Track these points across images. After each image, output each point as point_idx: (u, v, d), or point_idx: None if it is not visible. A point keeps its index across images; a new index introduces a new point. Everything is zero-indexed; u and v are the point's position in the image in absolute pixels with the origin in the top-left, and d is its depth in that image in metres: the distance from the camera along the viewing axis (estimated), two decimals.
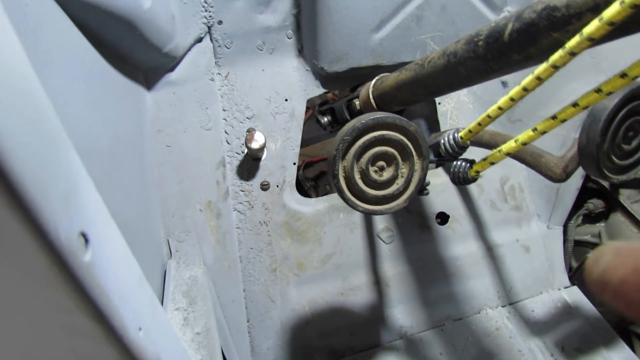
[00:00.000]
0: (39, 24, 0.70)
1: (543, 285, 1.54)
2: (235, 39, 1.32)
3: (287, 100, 1.39)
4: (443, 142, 0.90)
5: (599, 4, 0.53)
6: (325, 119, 1.45)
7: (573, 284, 1.58)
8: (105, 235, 0.34)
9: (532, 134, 0.74)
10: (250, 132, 1.25)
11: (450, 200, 1.49)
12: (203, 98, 1.29)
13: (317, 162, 2.21)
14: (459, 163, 0.91)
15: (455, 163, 0.92)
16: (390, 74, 1.08)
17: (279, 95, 1.39)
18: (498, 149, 0.80)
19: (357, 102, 1.26)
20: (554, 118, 0.69)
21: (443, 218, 1.49)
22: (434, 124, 1.59)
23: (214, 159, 1.30)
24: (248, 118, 1.36)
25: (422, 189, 0.95)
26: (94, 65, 0.94)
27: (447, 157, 0.91)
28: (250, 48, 1.35)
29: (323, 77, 1.40)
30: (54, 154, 0.28)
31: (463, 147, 0.88)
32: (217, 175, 1.30)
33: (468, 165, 0.90)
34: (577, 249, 1.62)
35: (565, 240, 1.58)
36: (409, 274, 1.44)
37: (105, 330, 0.32)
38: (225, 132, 1.34)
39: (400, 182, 0.82)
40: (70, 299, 0.29)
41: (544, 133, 0.72)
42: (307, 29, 1.33)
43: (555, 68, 0.59)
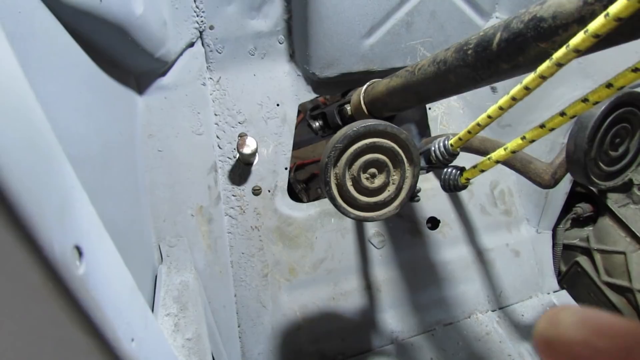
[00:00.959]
0: (32, 31, 0.69)
1: (532, 290, 1.56)
2: (227, 44, 1.32)
3: (278, 105, 1.39)
4: (434, 149, 0.91)
5: (584, 16, 0.53)
6: (317, 124, 1.46)
7: (562, 288, 1.60)
8: (99, 248, 0.34)
9: (521, 142, 0.75)
10: (242, 137, 1.25)
11: (441, 205, 1.50)
12: (195, 103, 1.29)
13: (308, 164, 2.21)
14: (450, 170, 0.92)
15: (446, 170, 0.92)
16: (381, 80, 1.09)
17: (271, 100, 1.39)
18: (488, 157, 0.81)
19: (348, 107, 1.27)
20: (542, 127, 0.70)
21: (434, 223, 1.50)
22: (425, 129, 1.60)
23: (206, 164, 1.30)
24: (240, 123, 1.36)
25: (413, 196, 0.95)
26: (86, 71, 0.94)
27: (437, 164, 0.92)
28: (242, 53, 1.35)
29: (314, 82, 1.41)
30: (49, 168, 0.28)
31: (453, 154, 0.89)
32: (208, 180, 1.30)
33: (458, 173, 0.91)
34: (566, 253, 1.64)
35: (555, 245, 1.60)
36: (400, 279, 1.45)
37: (99, 343, 0.32)
38: (217, 136, 1.33)
39: (392, 189, 0.83)
40: (64, 312, 0.29)
41: (533, 141, 0.73)
42: (298, 35, 1.33)
43: (543, 78, 0.60)
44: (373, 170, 0.80)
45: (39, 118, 0.29)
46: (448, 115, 1.52)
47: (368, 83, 1.18)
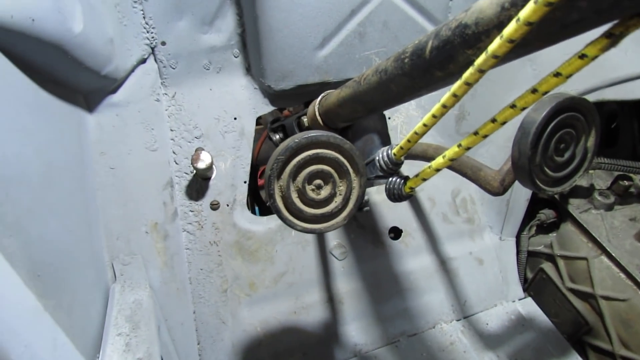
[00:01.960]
0: None
1: (497, 298, 1.55)
2: (181, 59, 1.31)
3: (236, 119, 1.39)
4: (378, 159, 0.91)
5: (503, 22, 0.53)
6: (277, 136, 1.45)
7: (529, 295, 1.59)
8: None
9: (457, 150, 0.74)
10: (197, 151, 1.24)
11: (403, 215, 1.49)
12: (148, 119, 1.28)
13: None
14: (394, 180, 0.91)
15: (390, 180, 0.92)
16: (333, 91, 1.09)
17: (228, 114, 1.38)
18: (428, 166, 0.81)
19: (304, 119, 1.26)
20: (476, 134, 0.70)
21: (396, 233, 1.49)
22: (387, 138, 1.60)
23: (161, 180, 1.29)
24: (196, 137, 1.35)
25: (361, 206, 0.95)
26: (23, 92, 0.93)
27: (383, 173, 0.92)
28: (197, 68, 1.34)
29: (271, 94, 1.40)
30: None
31: (397, 163, 0.88)
32: (164, 196, 1.29)
33: (402, 182, 0.90)
34: (531, 260, 1.63)
35: (519, 252, 1.59)
36: (363, 290, 1.44)
37: None
38: (173, 152, 1.33)
39: (339, 199, 0.81)
40: None
41: (469, 149, 0.73)
42: (252, 48, 1.33)
43: (469, 85, 0.60)
44: (319, 182, 0.79)
45: None
46: (407, 125, 1.52)
47: (323, 94, 1.17)
